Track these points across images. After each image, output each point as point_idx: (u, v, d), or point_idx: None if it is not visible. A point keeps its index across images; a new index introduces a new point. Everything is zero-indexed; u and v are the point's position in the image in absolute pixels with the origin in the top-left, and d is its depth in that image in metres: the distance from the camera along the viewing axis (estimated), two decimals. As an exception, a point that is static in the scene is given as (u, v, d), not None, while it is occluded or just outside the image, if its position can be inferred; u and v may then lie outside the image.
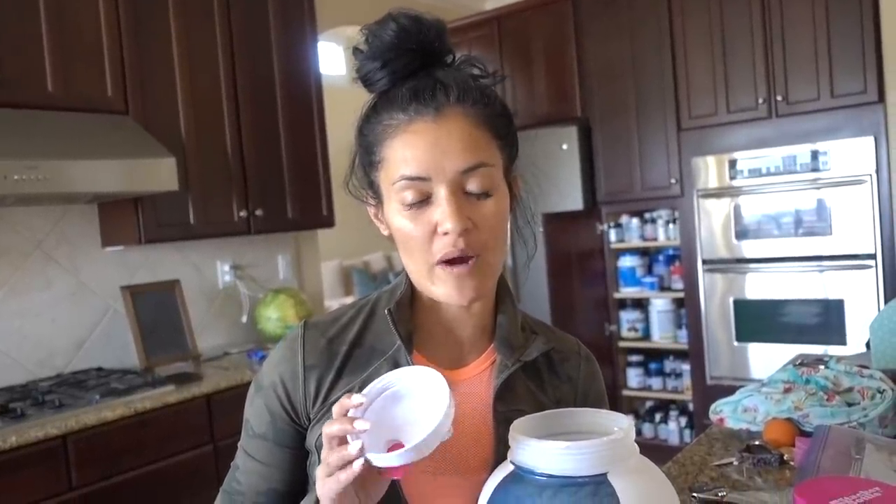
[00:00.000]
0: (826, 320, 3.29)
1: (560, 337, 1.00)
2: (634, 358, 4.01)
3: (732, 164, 3.46)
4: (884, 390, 1.35)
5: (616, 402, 4.02)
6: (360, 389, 0.87)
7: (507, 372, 0.89)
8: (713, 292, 3.58)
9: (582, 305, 3.91)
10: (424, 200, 0.82)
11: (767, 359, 3.36)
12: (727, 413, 1.51)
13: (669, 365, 3.92)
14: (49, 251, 2.66)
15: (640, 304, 4.01)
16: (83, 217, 2.76)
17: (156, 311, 2.84)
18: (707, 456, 1.43)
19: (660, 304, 3.89)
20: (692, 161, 3.58)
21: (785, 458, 1.33)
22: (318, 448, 0.87)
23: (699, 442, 1.52)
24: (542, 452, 0.70)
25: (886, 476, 1.04)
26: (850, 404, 1.38)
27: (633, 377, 3.99)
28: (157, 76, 2.67)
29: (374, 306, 0.94)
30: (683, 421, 3.85)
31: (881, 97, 3.09)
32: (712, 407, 1.55)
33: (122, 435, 2.22)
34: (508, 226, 0.90)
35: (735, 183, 3.46)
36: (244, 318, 3.25)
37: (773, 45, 3.31)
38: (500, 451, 0.82)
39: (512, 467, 0.73)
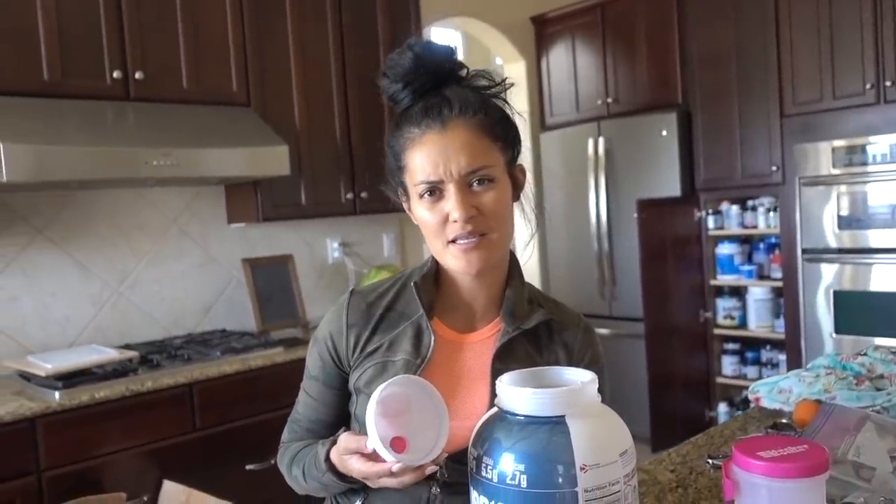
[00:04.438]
0: (932, 315, 3.17)
1: (564, 311, 1.17)
2: (730, 346, 4.00)
3: (837, 151, 3.38)
4: (911, 378, 1.40)
5: (710, 389, 4.03)
6: (389, 347, 1.09)
7: (507, 337, 1.08)
8: (813, 282, 3.52)
9: (676, 291, 3.94)
10: (439, 196, 1.03)
11: (866, 352, 3.28)
12: (763, 393, 1.60)
13: (766, 354, 3.89)
14: (183, 227, 3.05)
15: (738, 292, 3.99)
16: (212, 197, 3.14)
17: (271, 281, 3.18)
18: (738, 431, 1.54)
19: (757, 293, 3.85)
20: (795, 148, 3.52)
21: (808, 435, 1.41)
22: (356, 390, 1.10)
23: (735, 419, 1.62)
24: (515, 397, 0.87)
25: (875, 454, 1.13)
26: (879, 389, 1.44)
27: (728, 365, 3.98)
28: (275, 71, 2.99)
29: (408, 279, 1.15)
30: (779, 411, 3.81)
31: None
32: (751, 387, 1.65)
33: (237, 387, 2.56)
34: (512, 210, 1.09)
35: (839, 171, 3.38)
36: (350, 291, 3.55)
37: (882, 28, 3.20)
38: (494, 401, 1.00)
39: (496, 409, 0.91)
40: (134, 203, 2.92)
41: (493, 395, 1.02)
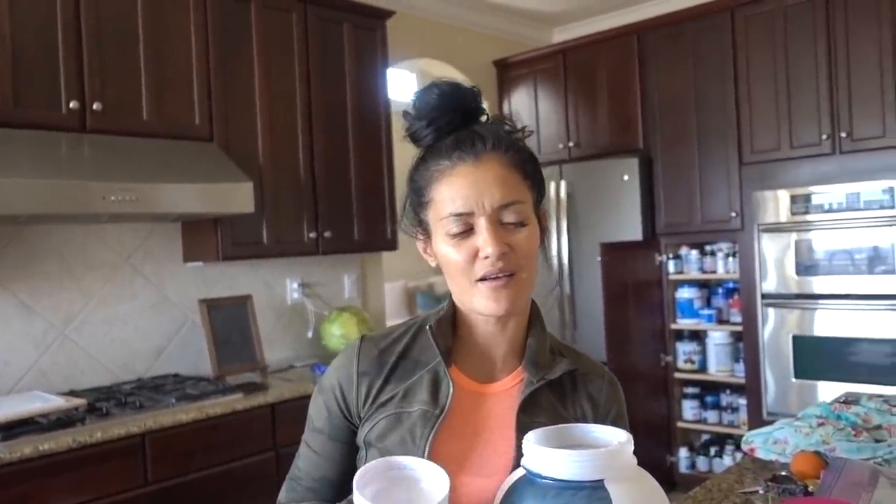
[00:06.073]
0: (890, 360, 3.23)
1: (586, 361, 1.11)
2: (690, 390, 4.00)
3: (794, 199, 3.46)
4: (911, 429, 1.39)
5: (670, 434, 4.02)
6: (404, 397, 1.01)
7: (532, 388, 1.01)
8: (772, 327, 3.56)
9: (638, 335, 3.93)
10: (467, 231, 0.97)
11: (826, 396, 3.30)
12: (758, 444, 1.56)
13: (726, 398, 3.90)
14: (136, 265, 2.90)
15: (697, 336, 4.01)
16: (167, 235, 3.00)
17: (229, 323, 3.04)
18: (735, 484, 1.49)
19: (717, 337, 3.88)
20: (753, 195, 3.59)
21: (810, 489, 1.37)
22: (366, 444, 1.01)
23: (730, 471, 1.58)
24: (548, 459, 0.80)
25: (895, 508, 1.09)
26: (878, 441, 1.42)
27: (689, 409, 3.98)
28: (239, 106, 2.90)
29: (422, 324, 1.08)
30: (739, 456, 3.81)
31: (949, 136, 3.06)
32: (745, 437, 1.61)
33: (193, 436, 2.40)
34: (538, 252, 1.04)
35: (797, 218, 3.45)
36: (310, 334, 3.43)
37: (837, 81, 3.32)
38: (520, 457, 0.93)
39: (524, 471, 0.84)
40: (84, 240, 2.76)
41: (520, 450, 0.95)
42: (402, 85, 5.27)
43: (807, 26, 3.39)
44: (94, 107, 2.46)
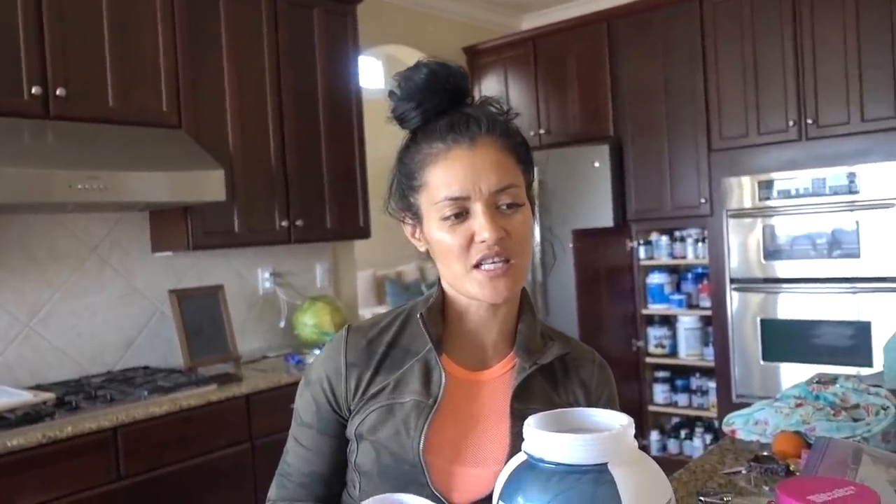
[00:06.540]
0: (853, 342, 3.31)
1: (576, 346, 1.11)
2: (661, 374, 4.06)
3: (762, 185, 3.51)
4: (888, 407, 1.42)
5: (642, 417, 4.07)
6: (395, 387, 0.99)
7: (525, 373, 1.00)
8: (741, 311, 3.63)
9: (610, 320, 3.97)
10: (463, 216, 0.95)
11: (794, 378, 3.38)
12: (739, 425, 1.59)
13: (696, 382, 3.96)
14: (104, 256, 2.83)
15: (668, 321, 4.06)
16: (135, 224, 2.93)
17: (200, 314, 2.99)
18: (718, 465, 1.51)
19: (687, 322, 3.94)
20: (722, 181, 3.64)
21: (791, 468, 1.40)
22: (358, 437, 0.99)
23: (711, 452, 1.60)
24: (551, 443, 0.79)
25: (879, 485, 1.11)
26: (855, 420, 1.45)
27: (660, 393, 4.04)
28: (208, 92, 2.83)
29: (410, 312, 1.06)
30: (709, 438, 3.89)
31: (911, 122, 3.13)
32: (725, 419, 1.63)
33: (167, 429, 2.36)
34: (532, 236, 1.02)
35: (764, 204, 3.51)
36: (282, 324, 3.39)
37: (804, 69, 3.37)
38: (515, 444, 0.92)
39: (525, 457, 0.83)
40: (49, 230, 2.68)
41: (515, 437, 0.94)
42: (368, 72, 5.23)
43: (774, 14, 3.44)
44: (58, 92, 2.38)
